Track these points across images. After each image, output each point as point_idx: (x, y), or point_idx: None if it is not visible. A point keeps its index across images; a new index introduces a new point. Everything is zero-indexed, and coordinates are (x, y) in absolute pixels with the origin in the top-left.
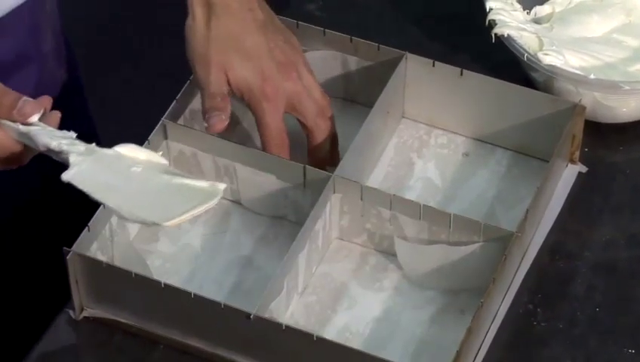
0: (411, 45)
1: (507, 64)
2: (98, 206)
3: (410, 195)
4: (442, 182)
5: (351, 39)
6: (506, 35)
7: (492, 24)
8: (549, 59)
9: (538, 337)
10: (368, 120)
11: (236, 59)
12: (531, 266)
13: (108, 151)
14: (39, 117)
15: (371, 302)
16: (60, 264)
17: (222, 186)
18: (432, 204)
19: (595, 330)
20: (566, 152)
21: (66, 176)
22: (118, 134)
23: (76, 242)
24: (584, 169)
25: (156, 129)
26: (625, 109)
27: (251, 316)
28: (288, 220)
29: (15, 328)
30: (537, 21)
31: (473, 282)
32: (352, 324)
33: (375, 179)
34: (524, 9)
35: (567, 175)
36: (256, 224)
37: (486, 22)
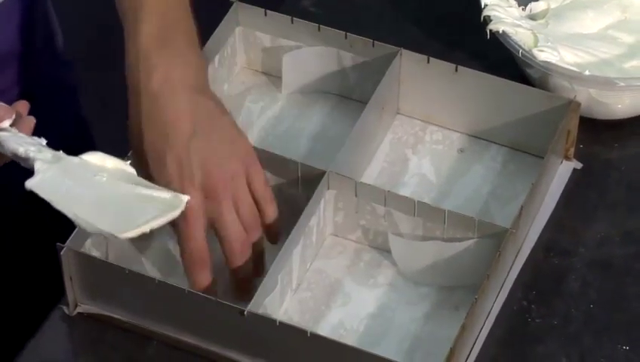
0: (407, 43)
1: (504, 62)
2: None
3: (404, 191)
4: (437, 178)
5: (346, 35)
6: (501, 32)
7: (487, 20)
8: (544, 55)
9: (532, 334)
10: (363, 116)
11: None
12: (526, 263)
13: (74, 159)
14: (11, 122)
15: (366, 299)
16: (54, 260)
17: (185, 198)
18: (427, 201)
19: (590, 327)
20: (561, 149)
21: (29, 184)
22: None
23: (70, 238)
24: (579, 165)
25: None
26: (620, 106)
27: (245, 312)
28: (282, 217)
29: (9, 324)
30: (532, 17)
31: (467, 278)
32: (347, 320)
33: (370, 176)
34: (519, 5)
35: (562, 171)
36: None
37: (481, 18)
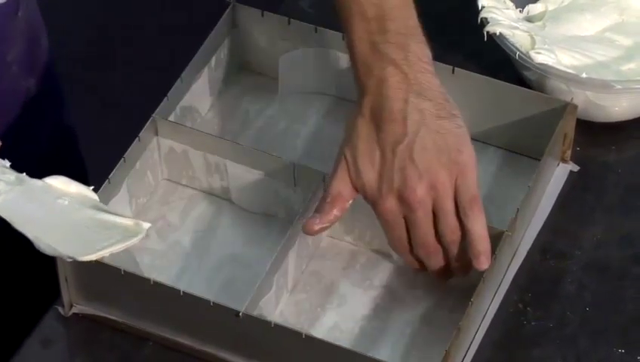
0: None
1: (501, 63)
2: None
3: None
4: None
5: (343, 36)
6: (498, 34)
7: (484, 22)
8: (541, 57)
9: (528, 336)
10: None
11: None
12: (522, 265)
13: (37, 182)
14: None
15: (361, 301)
16: (50, 260)
17: (146, 226)
18: None
19: (586, 330)
20: (558, 151)
21: None
22: (110, 131)
23: None
24: (576, 168)
25: (147, 125)
26: (617, 108)
27: (240, 314)
28: (279, 218)
29: (4, 324)
30: (530, 19)
31: (463, 281)
32: (342, 322)
33: None
34: (516, 7)
35: (558, 174)
36: (246, 221)
37: (478, 20)
